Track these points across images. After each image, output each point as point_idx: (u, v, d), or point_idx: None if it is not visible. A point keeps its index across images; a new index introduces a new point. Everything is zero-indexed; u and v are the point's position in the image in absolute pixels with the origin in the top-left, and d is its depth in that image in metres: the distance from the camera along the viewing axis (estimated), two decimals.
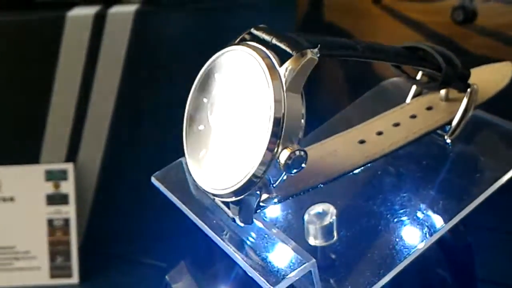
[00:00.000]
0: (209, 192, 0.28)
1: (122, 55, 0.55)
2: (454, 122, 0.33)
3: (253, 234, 0.28)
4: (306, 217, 0.30)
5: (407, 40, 0.37)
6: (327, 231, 0.30)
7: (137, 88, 0.56)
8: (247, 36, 0.29)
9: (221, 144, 0.28)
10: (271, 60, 0.27)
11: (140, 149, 0.59)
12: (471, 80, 0.34)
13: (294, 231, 0.31)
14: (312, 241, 0.30)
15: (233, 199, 0.28)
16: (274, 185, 0.27)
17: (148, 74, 0.56)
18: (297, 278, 0.26)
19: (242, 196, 0.27)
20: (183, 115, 0.33)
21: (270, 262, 0.27)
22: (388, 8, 0.70)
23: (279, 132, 0.26)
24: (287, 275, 0.26)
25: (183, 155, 0.33)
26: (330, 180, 0.31)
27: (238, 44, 0.29)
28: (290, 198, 0.30)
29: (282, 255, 0.27)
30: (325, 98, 0.67)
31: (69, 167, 0.57)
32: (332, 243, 0.30)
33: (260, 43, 0.28)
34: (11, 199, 0.57)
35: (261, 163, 0.26)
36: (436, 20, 0.68)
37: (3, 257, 0.57)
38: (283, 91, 0.27)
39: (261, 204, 0.28)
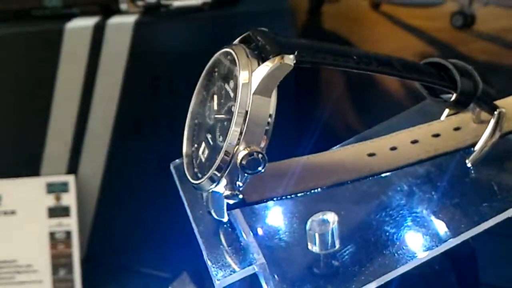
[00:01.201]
0: (191, 183, 0.30)
1: (121, 66, 0.55)
2: (477, 147, 0.32)
3: (224, 229, 0.29)
4: (308, 224, 0.30)
5: (406, 45, 0.36)
6: (325, 239, 0.30)
7: (138, 99, 0.56)
8: (247, 37, 0.30)
9: (207, 139, 0.30)
10: (249, 61, 0.28)
11: (141, 160, 0.58)
12: (505, 106, 0.32)
13: (299, 237, 0.31)
14: (312, 248, 0.30)
15: (203, 192, 0.29)
16: (240, 184, 0.28)
17: (148, 85, 0.56)
18: (242, 276, 0.28)
19: (208, 190, 0.28)
20: (184, 125, 0.34)
21: (225, 257, 0.28)
22: (387, 14, 0.70)
23: (238, 133, 0.27)
24: (234, 272, 0.27)
25: None
26: (323, 188, 0.31)
27: (234, 43, 0.29)
28: (278, 199, 0.30)
29: (239, 252, 0.28)
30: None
31: (70, 179, 0.57)
32: (333, 251, 0.30)
33: (253, 44, 0.29)
34: (12, 212, 0.57)
35: (221, 160, 0.27)
36: (435, 26, 0.68)
37: (4, 271, 0.57)
38: (250, 93, 0.27)
39: (227, 200, 0.28)
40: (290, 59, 0.27)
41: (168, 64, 0.55)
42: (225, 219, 0.29)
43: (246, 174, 0.28)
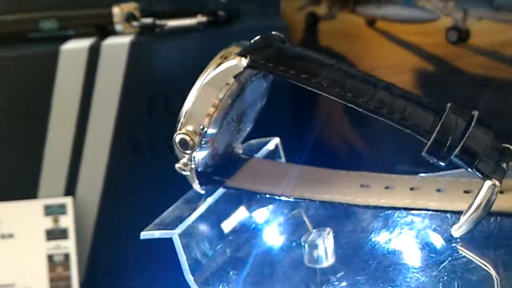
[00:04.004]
0: None
1: (118, 87, 0.55)
2: (462, 217, 0.29)
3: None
4: (303, 238, 0.31)
5: (402, 61, 0.36)
6: (313, 253, 0.30)
7: (134, 119, 0.56)
8: None
9: None
10: (222, 58, 0.32)
11: (139, 181, 0.58)
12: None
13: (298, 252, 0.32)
14: (305, 260, 0.30)
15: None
16: (192, 161, 0.32)
17: (145, 105, 0.56)
18: (159, 237, 0.33)
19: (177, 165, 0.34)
20: None
21: (165, 221, 0.33)
22: (382, 31, 0.70)
23: (182, 116, 0.32)
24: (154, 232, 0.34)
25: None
26: (287, 197, 0.32)
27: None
28: (255, 194, 0.33)
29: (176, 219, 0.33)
30: None
31: (68, 201, 0.57)
32: (323, 266, 0.30)
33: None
34: (10, 235, 0.57)
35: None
36: (431, 41, 0.68)
37: None
38: (201, 83, 0.32)
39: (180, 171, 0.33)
40: (241, 61, 0.31)
41: (164, 83, 0.55)
42: (201, 192, 0.34)
43: (187, 152, 0.32)
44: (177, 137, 0.32)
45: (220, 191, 0.35)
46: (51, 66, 0.54)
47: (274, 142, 0.39)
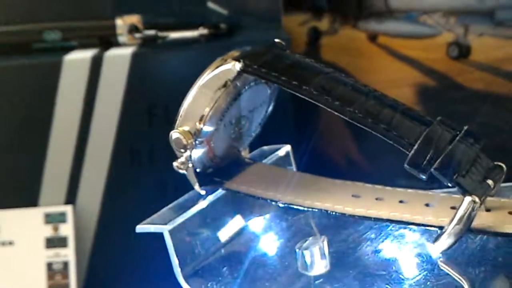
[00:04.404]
0: None
1: (119, 97, 0.56)
2: (442, 233, 0.28)
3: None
4: (297, 244, 0.31)
5: (404, 76, 0.35)
6: (305, 259, 0.30)
7: (135, 129, 0.57)
8: None
9: None
10: (221, 62, 0.33)
11: (139, 190, 0.59)
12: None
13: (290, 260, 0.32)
14: (298, 266, 0.31)
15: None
16: (190, 160, 0.33)
17: (146, 115, 0.57)
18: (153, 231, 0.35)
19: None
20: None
21: (160, 217, 0.35)
22: (384, 46, 0.71)
23: (178, 115, 0.33)
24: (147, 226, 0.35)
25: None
26: (277, 201, 0.33)
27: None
28: (252, 197, 0.34)
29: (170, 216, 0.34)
30: None
31: (68, 209, 0.57)
32: (316, 273, 0.30)
33: None
34: (10, 243, 0.57)
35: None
36: (432, 56, 0.69)
37: None
38: (197, 85, 0.33)
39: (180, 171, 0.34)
40: (235, 66, 0.32)
41: (165, 94, 0.56)
42: (201, 192, 0.34)
43: (181, 150, 0.33)
44: (173, 136, 0.33)
45: (220, 192, 0.35)
46: (54, 76, 0.55)
47: (285, 149, 0.40)
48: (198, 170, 0.35)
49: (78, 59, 0.55)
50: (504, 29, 0.64)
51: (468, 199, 0.27)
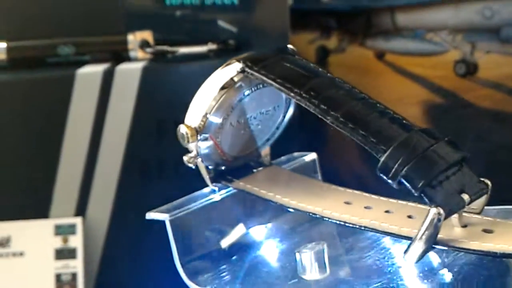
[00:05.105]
0: None
1: (129, 110, 0.57)
2: (410, 244, 0.27)
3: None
4: (298, 250, 0.31)
5: (411, 93, 0.35)
6: (302, 263, 0.31)
7: (145, 142, 0.58)
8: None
9: None
10: (230, 60, 0.34)
11: (148, 204, 0.59)
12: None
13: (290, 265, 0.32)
14: (298, 270, 0.31)
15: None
16: (198, 156, 0.35)
17: (155, 128, 0.58)
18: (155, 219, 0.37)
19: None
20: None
21: (168, 207, 0.37)
22: (391, 63, 0.71)
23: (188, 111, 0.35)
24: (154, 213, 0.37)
25: None
26: (274, 202, 0.34)
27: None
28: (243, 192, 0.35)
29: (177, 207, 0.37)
30: None
31: (78, 221, 0.58)
32: (314, 278, 0.30)
33: None
34: (21, 254, 0.58)
35: None
36: (439, 74, 0.69)
37: None
38: (205, 83, 0.35)
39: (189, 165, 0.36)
40: (235, 67, 0.33)
41: (175, 107, 0.57)
42: (212, 187, 0.36)
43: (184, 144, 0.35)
44: (179, 130, 0.35)
45: (232, 191, 0.36)
46: (67, 89, 0.56)
47: (310, 156, 0.40)
48: (210, 167, 0.36)
49: (90, 73, 0.56)
50: (510, 46, 0.64)
51: (433, 210, 0.26)
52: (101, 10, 0.62)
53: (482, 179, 0.28)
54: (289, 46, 0.35)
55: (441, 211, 0.26)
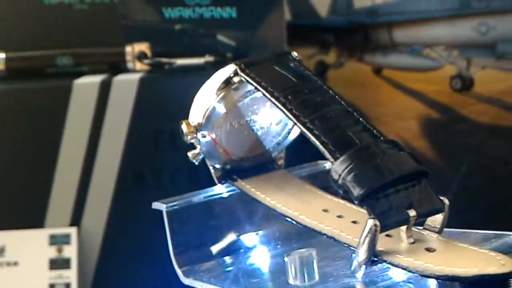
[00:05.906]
0: None
1: (126, 121, 0.57)
2: (353, 258, 0.27)
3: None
4: (287, 257, 0.31)
5: (408, 108, 0.35)
6: (290, 270, 0.31)
7: (141, 153, 0.58)
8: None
9: None
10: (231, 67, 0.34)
11: (144, 214, 0.59)
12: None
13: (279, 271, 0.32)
14: (292, 281, 0.31)
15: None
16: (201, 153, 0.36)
17: (151, 139, 0.58)
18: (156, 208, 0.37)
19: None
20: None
21: (171, 200, 0.36)
22: (388, 79, 0.72)
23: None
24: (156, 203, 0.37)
25: None
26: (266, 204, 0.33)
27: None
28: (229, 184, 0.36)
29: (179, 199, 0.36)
30: None
31: (73, 231, 0.58)
32: (302, 284, 0.30)
33: None
34: (15, 263, 0.58)
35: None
36: (436, 89, 0.70)
37: None
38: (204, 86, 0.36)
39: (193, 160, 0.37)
40: (230, 69, 0.34)
41: (171, 118, 0.57)
42: (218, 184, 0.36)
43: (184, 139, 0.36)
44: (180, 126, 0.36)
45: (237, 190, 0.36)
46: (64, 99, 0.57)
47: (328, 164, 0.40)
48: (218, 166, 0.36)
49: (87, 83, 0.57)
50: (505, 62, 0.65)
51: (370, 222, 0.26)
52: (99, 22, 0.62)
53: (440, 197, 0.27)
54: (293, 52, 0.35)
55: (377, 223, 0.26)
